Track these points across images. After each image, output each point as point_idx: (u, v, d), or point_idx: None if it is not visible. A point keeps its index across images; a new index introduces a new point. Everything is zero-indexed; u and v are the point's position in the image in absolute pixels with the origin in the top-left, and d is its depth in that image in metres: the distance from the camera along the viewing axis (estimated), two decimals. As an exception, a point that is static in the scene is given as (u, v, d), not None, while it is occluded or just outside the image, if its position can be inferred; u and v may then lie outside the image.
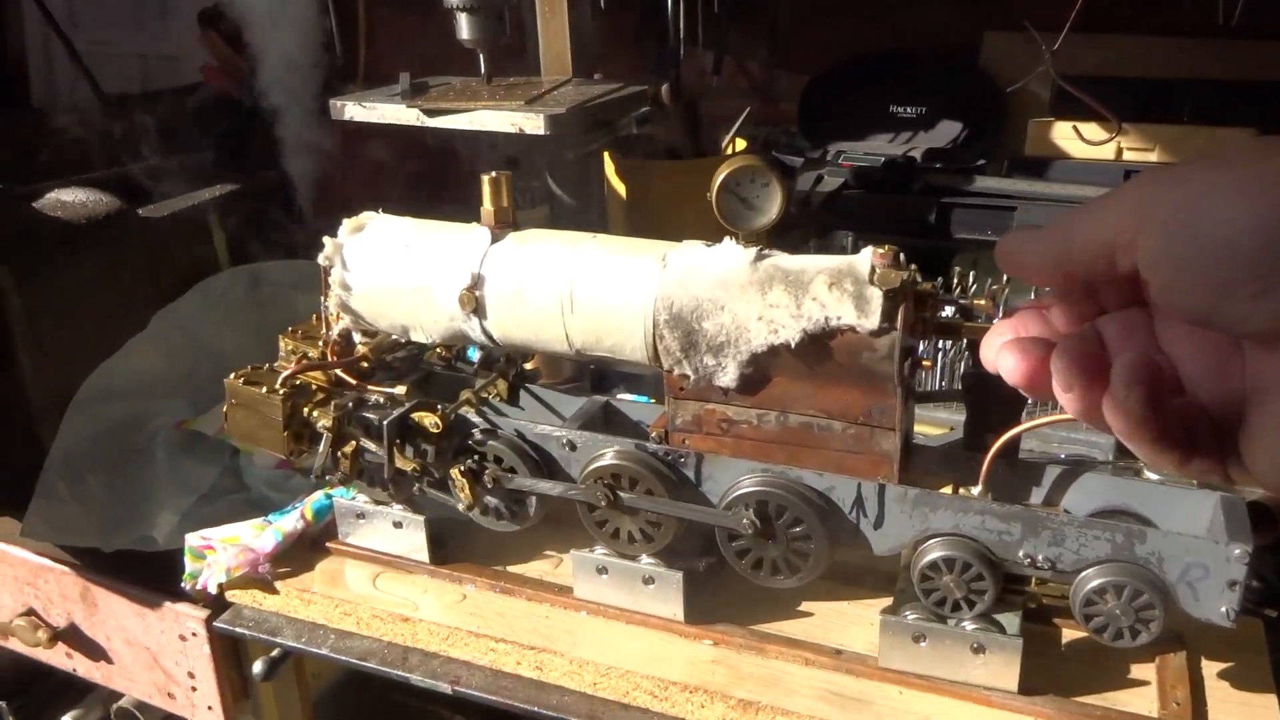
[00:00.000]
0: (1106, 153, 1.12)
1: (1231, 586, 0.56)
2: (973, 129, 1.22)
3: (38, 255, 0.89)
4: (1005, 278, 1.00)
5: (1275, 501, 0.81)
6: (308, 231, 1.20)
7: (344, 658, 0.75)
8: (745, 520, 0.63)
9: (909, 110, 1.24)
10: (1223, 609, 0.57)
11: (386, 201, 0.75)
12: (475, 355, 0.80)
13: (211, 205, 1.07)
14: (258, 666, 0.82)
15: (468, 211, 0.73)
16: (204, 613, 1.11)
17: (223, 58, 1.29)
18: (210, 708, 1.17)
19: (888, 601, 0.69)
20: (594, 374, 0.95)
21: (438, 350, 0.81)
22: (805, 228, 1.05)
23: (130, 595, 1.14)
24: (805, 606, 0.72)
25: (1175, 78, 1.14)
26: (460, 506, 0.71)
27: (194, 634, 1.12)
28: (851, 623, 0.70)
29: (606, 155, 1.14)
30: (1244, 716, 0.61)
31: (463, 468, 0.70)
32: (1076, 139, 1.10)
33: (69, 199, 0.95)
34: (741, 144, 1.17)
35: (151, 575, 1.13)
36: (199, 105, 1.20)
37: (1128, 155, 1.11)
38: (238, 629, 0.78)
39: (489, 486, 0.69)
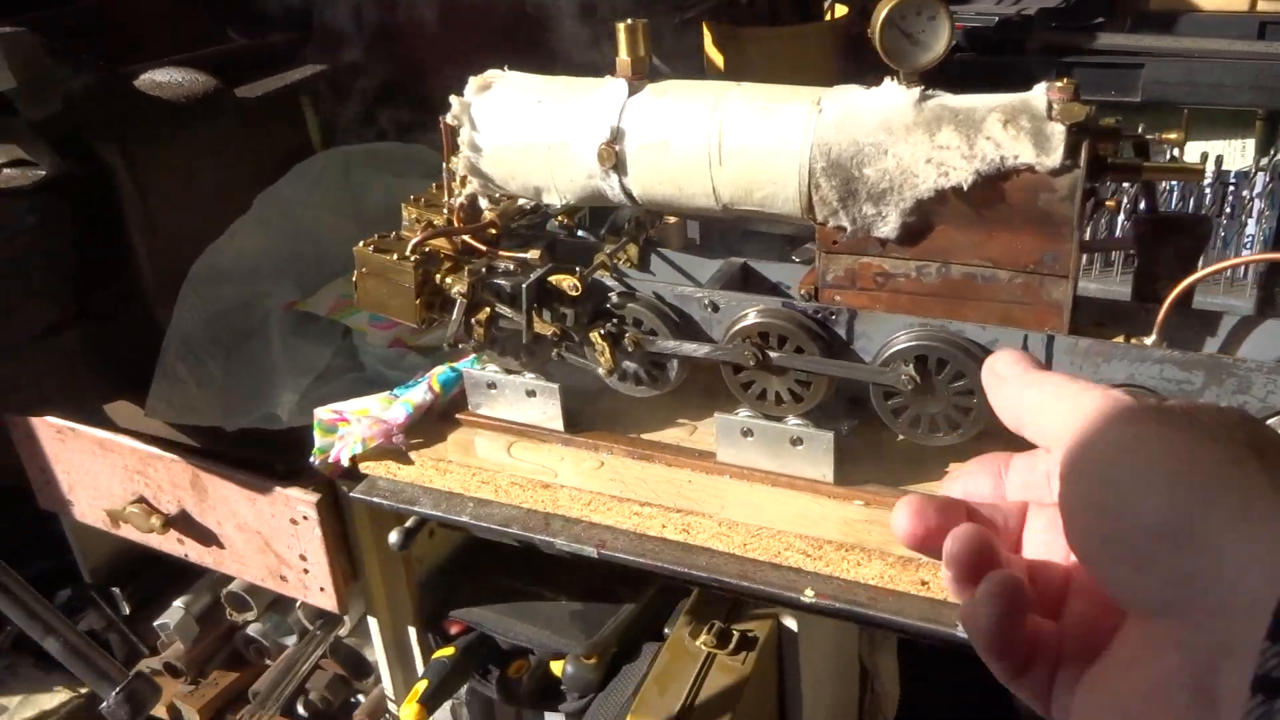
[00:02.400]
0: (1239, 3, 1.04)
1: None
2: (1090, -17, 1.15)
3: (142, 135, 0.88)
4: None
5: None
6: (396, 113, 1.18)
7: (484, 524, 0.75)
8: (904, 376, 0.61)
9: (1020, -34, 1.17)
10: None
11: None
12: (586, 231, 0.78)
13: (302, 86, 1.04)
14: (394, 537, 0.82)
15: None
16: (315, 496, 1.13)
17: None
18: (323, 589, 1.20)
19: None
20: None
21: (559, 219, 0.79)
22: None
23: (240, 481, 1.16)
24: (954, 467, 0.71)
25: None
26: (600, 371, 0.70)
27: (305, 517, 1.14)
28: (1002, 482, 0.69)
29: (705, 25, 1.09)
30: None
31: (602, 331, 0.69)
32: (1210, -13, 1.03)
33: (164, 79, 0.93)
34: (842, 10, 1.11)
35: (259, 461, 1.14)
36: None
37: (1263, 5, 1.04)
38: (374, 499, 0.79)
39: (629, 350, 0.68)
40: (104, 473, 1.25)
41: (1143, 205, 0.67)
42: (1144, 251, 0.63)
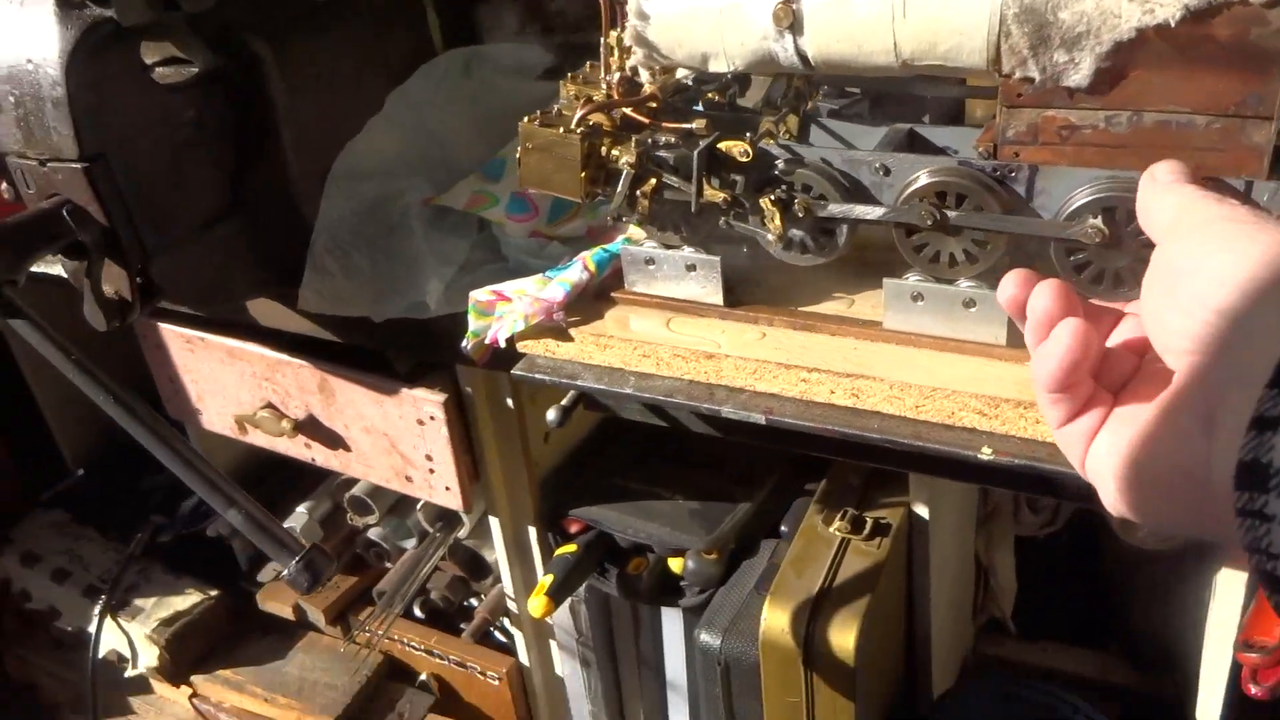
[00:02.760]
0: None
1: None
2: None
3: (287, 29, 0.89)
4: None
5: None
6: (513, 13, 1.18)
7: (647, 396, 0.77)
8: (1091, 228, 0.61)
9: None
10: None
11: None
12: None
13: (426, -18, 1.05)
14: (551, 414, 0.84)
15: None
16: (441, 396, 1.15)
17: None
18: (448, 488, 1.23)
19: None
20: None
21: (710, 95, 0.78)
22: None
23: (368, 383, 1.19)
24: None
25: None
26: (769, 238, 0.70)
27: (432, 418, 1.17)
28: (1178, 342, 0.68)
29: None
30: None
31: (773, 197, 0.69)
32: None
33: (299, -26, 0.94)
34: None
35: (384, 363, 1.17)
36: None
37: None
38: (535, 376, 0.80)
39: (800, 216, 0.68)
40: (232, 380, 1.29)
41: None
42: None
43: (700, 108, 0.78)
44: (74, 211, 0.78)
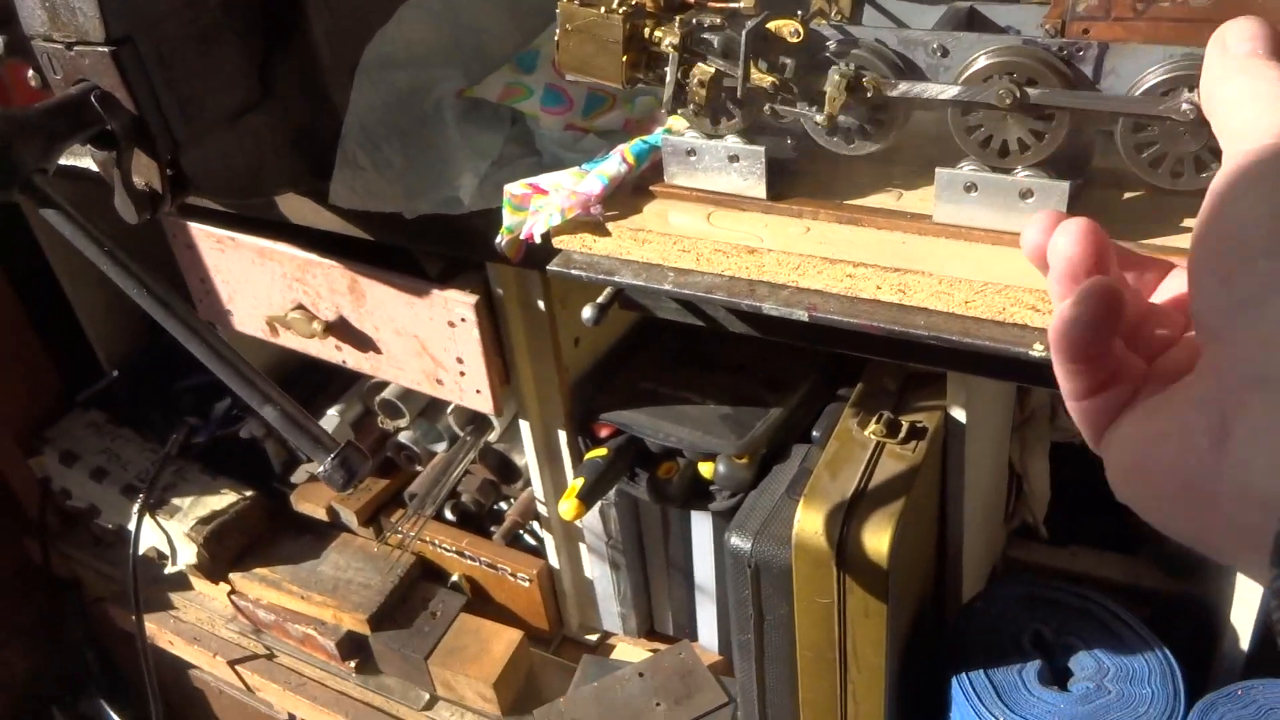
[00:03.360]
0: None
1: None
2: None
3: (314, -93, 0.85)
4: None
5: None
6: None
7: (688, 292, 0.75)
8: (1186, 105, 0.57)
9: None
10: None
11: None
12: None
13: None
14: (587, 311, 0.83)
15: None
16: (473, 298, 1.14)
17: None
18: (479, 391, 1.22)
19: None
20: None
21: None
22: None
23: (398, 284, 1.18)
24: (1189, 222, 0.67)
25: None
26: (819, 120, 0.67)
27: (463, 319, 1.16)
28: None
29: None
30: None
31: (839, 74, 0.65)
32: None
33: None
34: None
35: (413, 264, 1.15)
36: None
37: None
38: (571, 271, 0.79)
39: (868, 95, 0.65)
40: (263, 281, 1.28)
41: None
42: None
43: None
44: (102, 97, 0.76)
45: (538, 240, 0.80)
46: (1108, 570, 1.24)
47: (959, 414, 0.99)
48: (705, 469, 1.17)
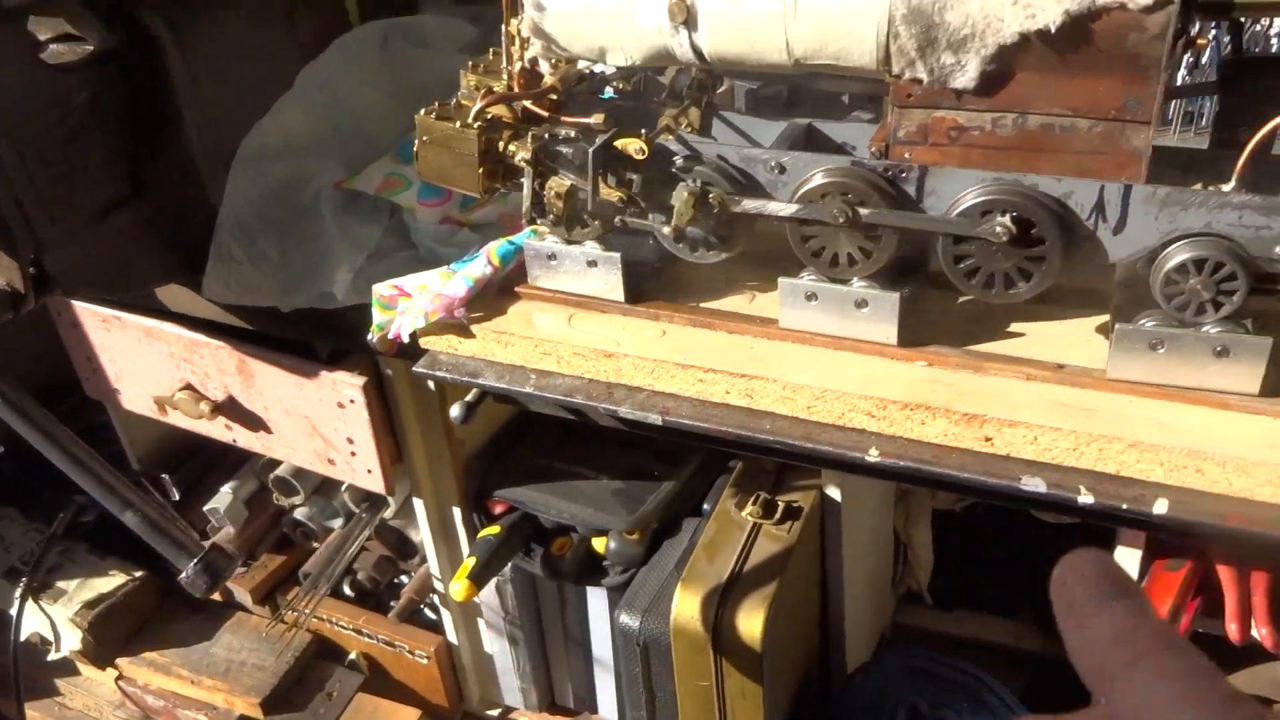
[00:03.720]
0: None
1: None
2: None
3: (187, 6, 0.86)
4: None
5: None
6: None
7: (547, 395, 0.76)
8: (999, 228, 0.61)
9: None
10: None
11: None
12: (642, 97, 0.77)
13: (337, -45, 1.02)
14: (455, 410, 0.84)
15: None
16: (361, 379, 1.14)
17: None
18: (370, 471, 1.22)
19: (1097, 320, 0.68)
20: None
21: (617, 85, 0.77)
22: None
23: (287, 365, 1.17)
24: (1015, 328, 0.71)
25: None
26: (665, 232, 0.70)
27: (352, 400, 1.16)
28: (1066, 341, 0.70)
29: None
30: None
31: (688, 190, 0.68)
32: None
33: (201, -51, 0.91)
34: None
35: (305, 346, 1.15)
36: None
37: None
38: (436, 373, 0.79)
39: (714, 209, 0.67)
40: (151, 360, 1.26)
41: (1229, 46, 0.66)
42: (1227, 96, 0.62)
43: (613, 92, 0.77)
44: (-44, 200, 0.76)
45: (405, 340, 0.81)
46: (991, 633, 1.27)
47: (834, 493, 1.01)
48: (599, 544, 1.18)
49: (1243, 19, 0.60)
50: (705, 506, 1.14)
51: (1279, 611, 0.84)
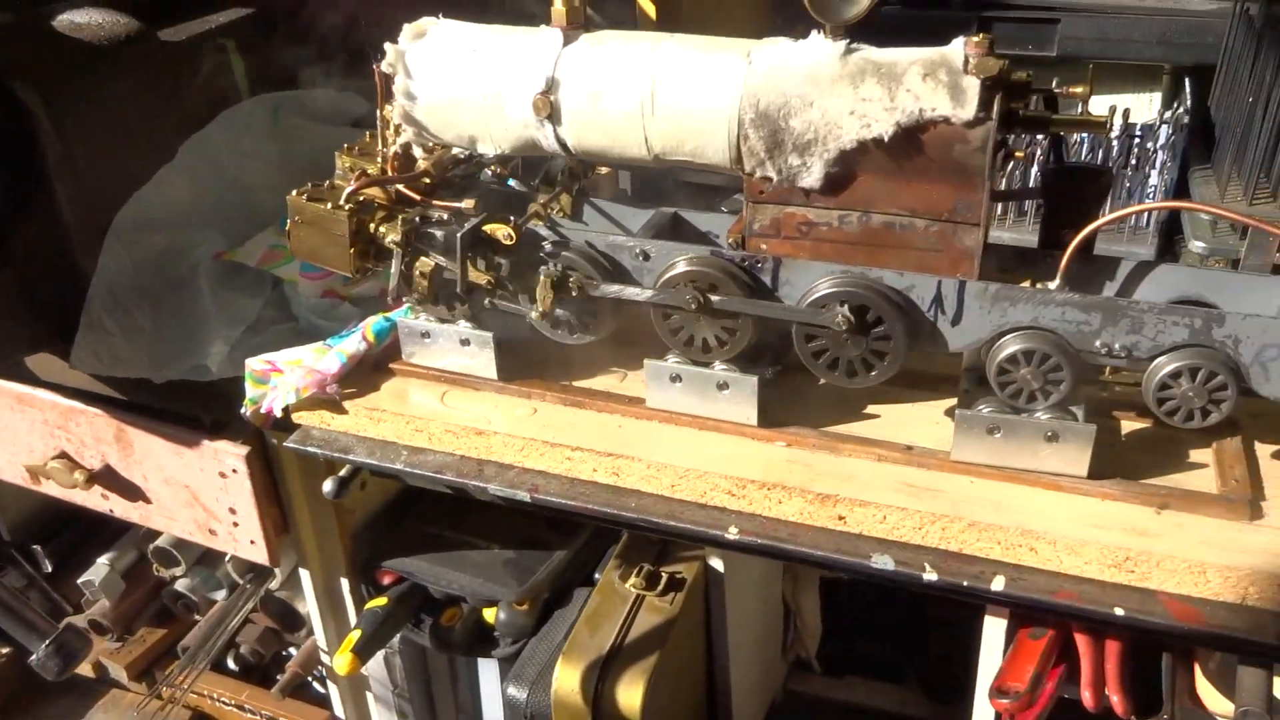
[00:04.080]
0: (1149, -36, 1.09)
1: (1306, 366, 0.59)
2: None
3: (63, 77, 0.86)
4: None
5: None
6: (327, 59, 1.16)
7: (418, 471, 0.77)
8: (840, 317, 0.64)
9: (946, -76, 1.20)
10: (1295, 388, 0.60)
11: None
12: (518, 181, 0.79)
13: (228, 30, 1.02)
14: (328, 485, 0.83)
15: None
16: (244, 449, 1.12)
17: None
18: (253, 542, 1.19)
19: (947, 404, 0.72)
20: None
21: (493, 169, 0.79)
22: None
23: (167, 434, 1.15)
24: (871, 410, 0.74)
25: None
26: (533, 315, 0.71)
27: (234, 470, 1.14)
28: (917, 423, 0.73)
29: (635, -27, 1.10)
30: (1301, 490, 0.65)
31: (544, 274, 0.69)
32: (1122, -51, 1.07)
33: (83, 20, 0.91)
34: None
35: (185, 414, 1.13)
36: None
37: (1171, -33, 1.09)
38: (308, 448, 0.79)
39: (574, 294, 0.69)
40: (23, 428, 1.22)
41: (1051, 156, 0.71)
42: (1050, 201, 0.67)
43: (490, 175, 0.79)
44: None
45: (278, 415, 0.80)
46: (879, 699, 1.29)
47: (717, 564, 1.03)
48: (489, 615, 1.17)
49: (1060, 133, 0.65)
50: (597, 576, 1.14)
51: (1130, 679, 0.88)
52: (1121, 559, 0.62)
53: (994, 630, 0.91)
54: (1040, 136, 0.79)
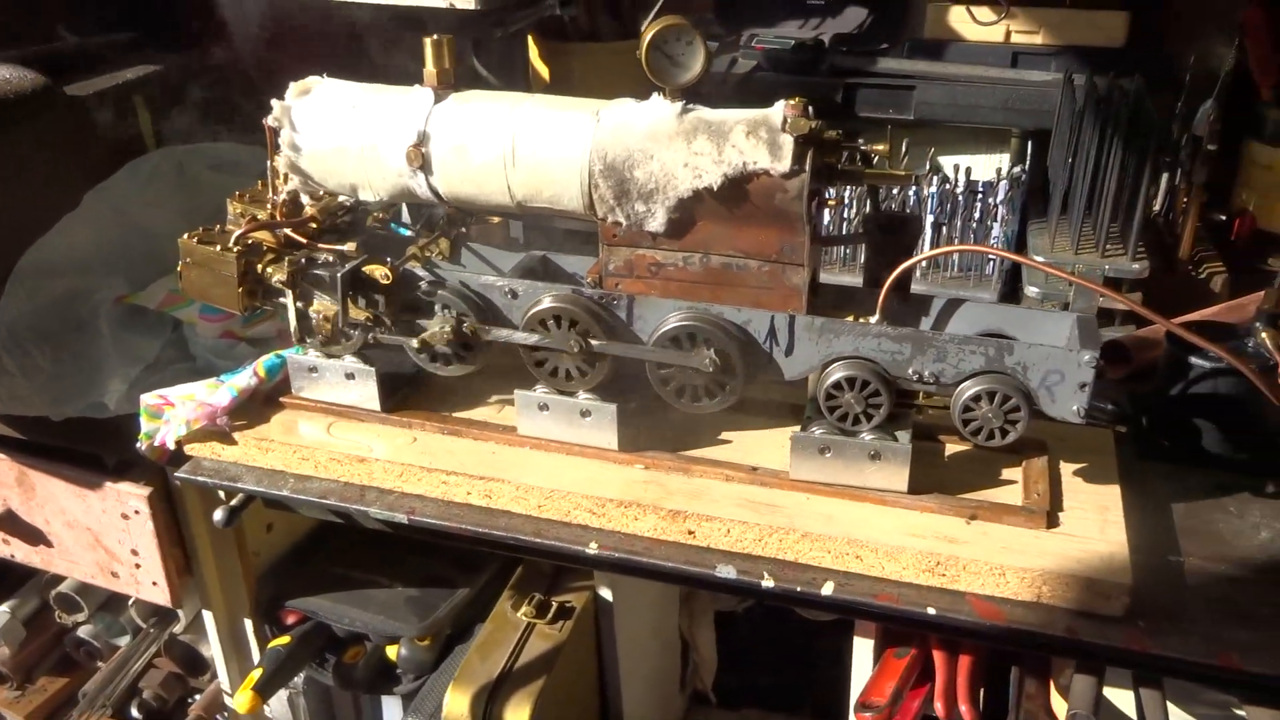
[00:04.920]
0: (995, 35, 1.20)
1: (1081, 388, 0.67)
2: (876, 14, 1.29)
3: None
4: (904, 152, 1.09)
5: (1131, 340, 0.93)
6: (233, 113, 1.22)
7: (304, 497, 0.81)
8: (707, 360, 0.71)
9: (818, -3, 1.31)
10: (1074, 408, 0.68)
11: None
12: (402, 226, 0.85)
13: (136, 84, 1.08)
14: (218, 514, 0.87)
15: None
16: (146, 490, 1.15)
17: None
18: (155, 584, 1.21)
19: (793, 429, 0.79)
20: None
21: (378, 215, 0.85)
22: (720, 107, 1.11)
23: (69, 477, 1.17)
24: (725, 435, 0.81)
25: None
26: (411, 348, 0.77)
27: (136, 511, 1.16)
28: (766, 446, 0.80)
29: (530, 38, 1.18)
30: (1091, 501, 0.73)
31: (439, 322, 0.75)
32: (970, 21, 1.18)
33: (-9, 75, 0.95)
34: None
35: (92, 456, 1.15)
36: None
37: (1015, 37, 1.20)
38: (198, 478, 0.83)
39: (469, 335, 0.75)
40: (-79, 472, 1.23)
41: (869, 206, 0.79)
42: (871, 244, 0.75)
43: (375, 222, 0.84)
44: None
45: (171, 447, 0.84)
46: (774, 729, 1.34)
47: (606, 593, 1.08)
48: (391, 652, 1.20)
49: (876, 184, 0.73)
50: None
51: (981, 692, 0.94)
52: (934, 564, 0.69)
53: (862, 649, 0.97)
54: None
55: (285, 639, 1.20)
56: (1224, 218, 1.16)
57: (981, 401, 0.69)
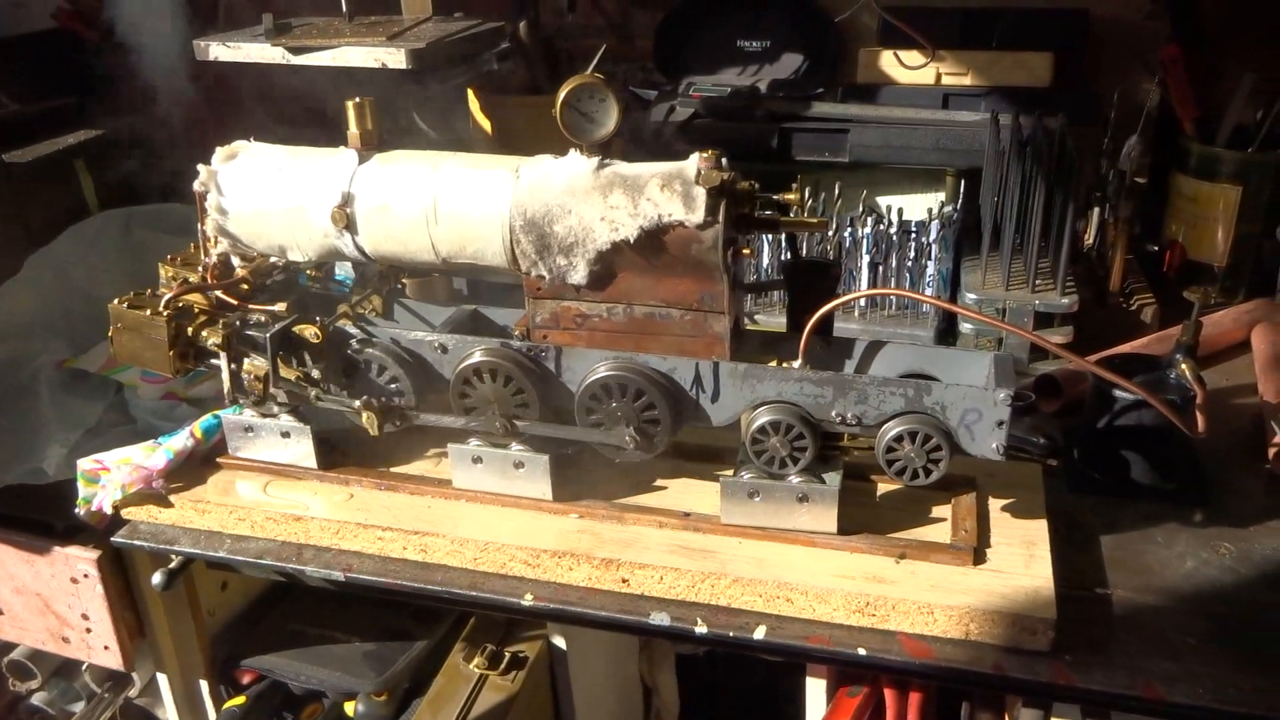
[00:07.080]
0: (927, 77, 1.23)
1: (999, 426, 0.68)
2: (812, 60, 1.32)
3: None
4: (838, 194, 1.11)
5: (1063, 374, 0.95)
6: (177, 175, 1.22)
7: (241, 558, 0.81)
8: (628, 437, 0.72)
9: (755, 44, 1.33)
10: (993, 445, 0.69)
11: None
12: (345, 276, 0.86)
13: (77, 150, 1.08)
14: (156, 578, 0.86)
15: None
16: (95, 553, 1.14)
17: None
18: (107, 648, 1.20)
19: (730, 473, 0.79)
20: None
21: (311, 272, 0.86)
22: (658, 154, 1.13)
23: (16, 542, 1.16)
24: (659, 482, 0.81)
25: (984, 7, 1.26)
26: (354, 406, 0.77)
27: (86, 575, 1.15)
28: (698, 492, 0.80)
29: (470, 92, 1.20)
30: (1018, 536, 0.74)
31: (369, 403, 0.76)
32: (900, 66, 1.21)
33: (-71, 145, 0.96)
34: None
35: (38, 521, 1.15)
36: (53, 49, 1.20)
37: (946, 80, 1.23)
38: (136, 542, 0.83)
39: (398, 424, 0.76)
40: None
41: (789, 252, 0.80)
42: (792, 289, 0.76)
43: (308, 280, 0.85)
44: None
45: (108, 512, 0.84)
46: (737, 770, 1.33)
47: (559, 642, 1.07)
48: (349, 708, 1.19)
49: (793, 231, 0.74)
50: (453, 661, 1.17)
51: (930, 727, 0.94)
52: (864, 604, 0.69)
53: (815, 689, 0.97)
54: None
55: (241, 699, 1.19)
56: (1157, 249, 1.19)
57: (904, 441, 0.70)
